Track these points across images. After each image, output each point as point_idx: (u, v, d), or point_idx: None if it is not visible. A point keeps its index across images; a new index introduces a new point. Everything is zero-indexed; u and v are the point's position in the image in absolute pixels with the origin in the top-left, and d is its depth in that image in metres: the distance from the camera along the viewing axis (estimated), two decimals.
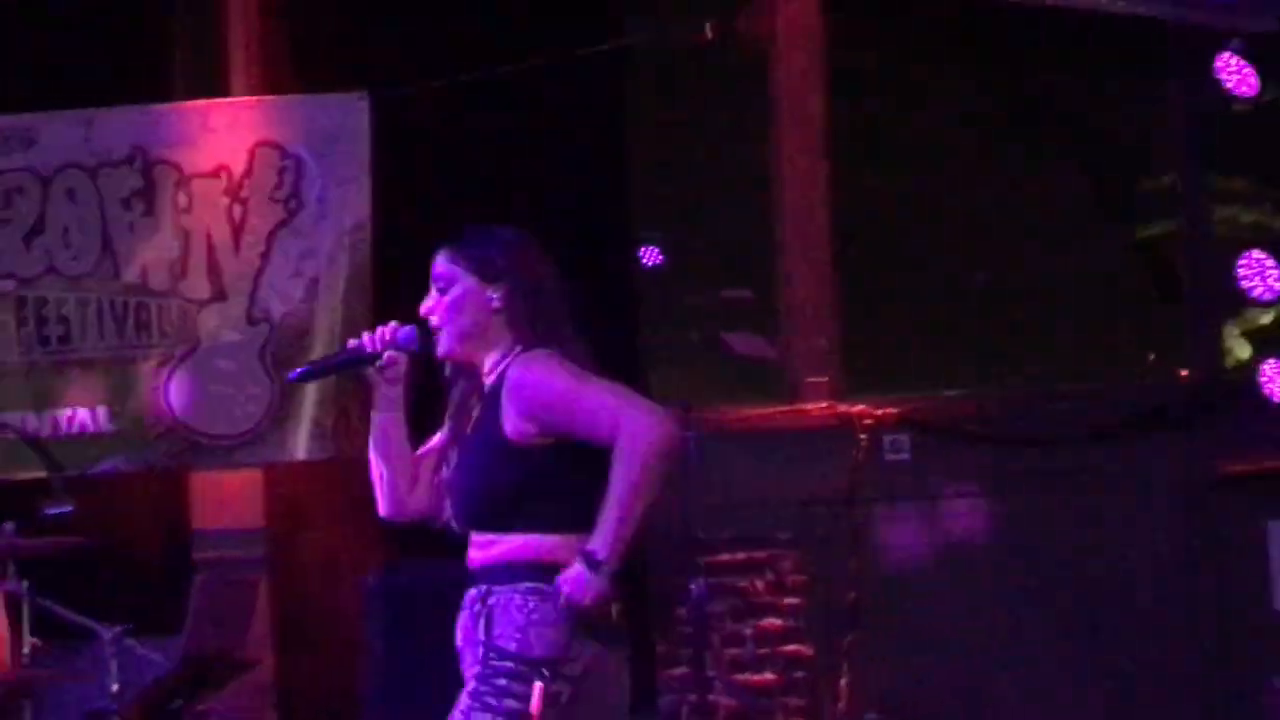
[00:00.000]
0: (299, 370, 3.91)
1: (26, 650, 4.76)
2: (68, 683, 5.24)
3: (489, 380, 3.43)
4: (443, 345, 3.45)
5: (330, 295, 5.78)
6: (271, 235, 5.80)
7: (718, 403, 6.23)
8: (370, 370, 3.44)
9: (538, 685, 3.19)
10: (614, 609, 3.29)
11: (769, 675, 6.06)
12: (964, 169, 6.68)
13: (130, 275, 5.81)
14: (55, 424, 5.78)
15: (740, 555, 6.06)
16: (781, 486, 6.07)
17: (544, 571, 3.27)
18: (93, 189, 5.81)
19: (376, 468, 3.51)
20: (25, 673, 4.76)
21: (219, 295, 5.81)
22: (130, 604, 5.30)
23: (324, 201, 5.76)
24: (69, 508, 5.00)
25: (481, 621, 3.31)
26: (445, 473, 3.46)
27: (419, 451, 3.51)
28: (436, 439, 3.51)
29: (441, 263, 3.48)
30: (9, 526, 4.74)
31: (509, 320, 3.44)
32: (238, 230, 5.81)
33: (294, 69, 5.95)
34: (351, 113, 5.75)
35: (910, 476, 6.24)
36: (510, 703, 3.23)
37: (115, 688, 4.73)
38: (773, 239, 6.44)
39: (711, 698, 5.86)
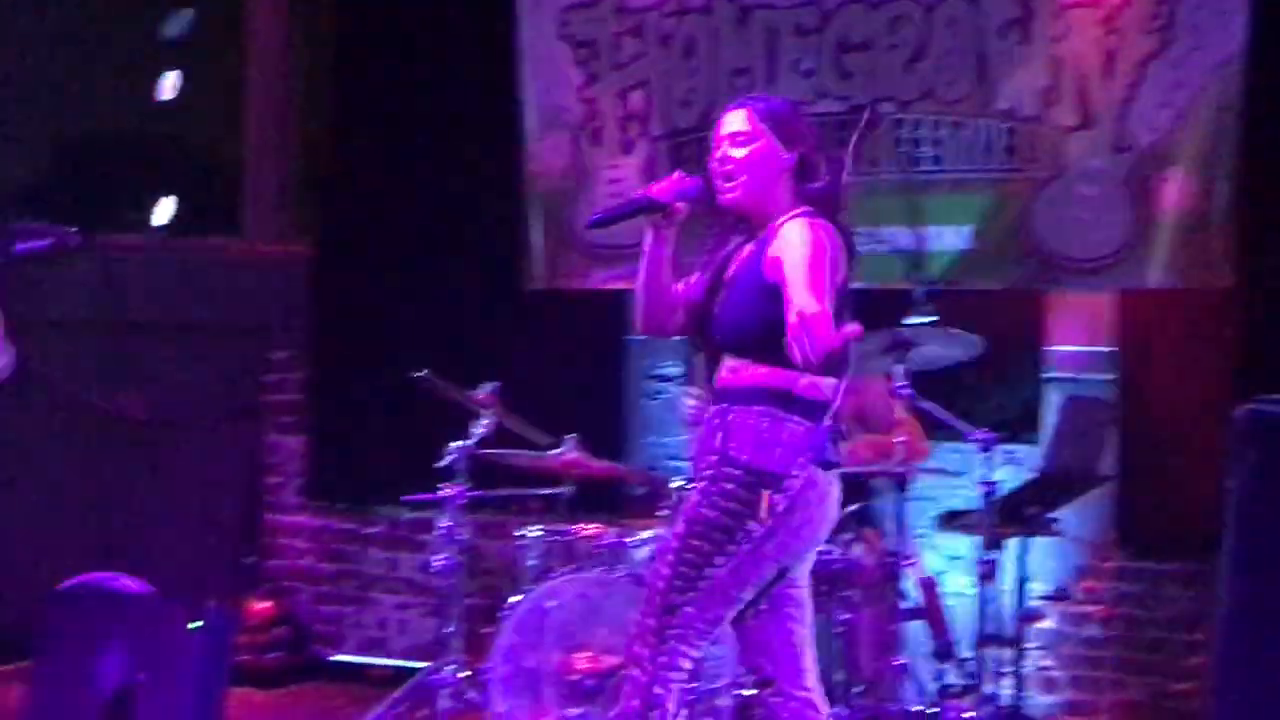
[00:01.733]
0: (594, 216, 4.15)
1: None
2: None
3: (761, 232, 3.80)
4: (732, 194, 3.85)
5: (1196, 127, 5.74)
6: (1143, 65, 5.78)
7: None
8: (656, 216, 3.87)
9: (765, 494, 3.64)
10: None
11: None
12: None
13: (1002, 102, 5.97)
14: (923, 239, 6.06)
15: None
16: None
17: (780, 399, 3.70)
18: (972, 17, 6.00)
19: (643, 293, 3.97)
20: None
21: (1086, 123, 5.88)
22: (990, 411, 5.65)
23: (1199, 33, 5.68)
24: (935, 318, 5.36)
25: (719, 434, 3.73)
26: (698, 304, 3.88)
27: (681, 286, 3.95)
28: (695, 277, 3.93)
29: (743, 119, 3.86)
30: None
31: (795, 184, 3.82)
32: (1109, 60, 5.83)
33: None
34: None
35: None
36: (734, 505, 3.68)
37: (981, 489, 5.10)
38: None
39: None
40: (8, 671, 6.09)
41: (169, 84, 7.39)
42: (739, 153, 3.84)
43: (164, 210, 7.61)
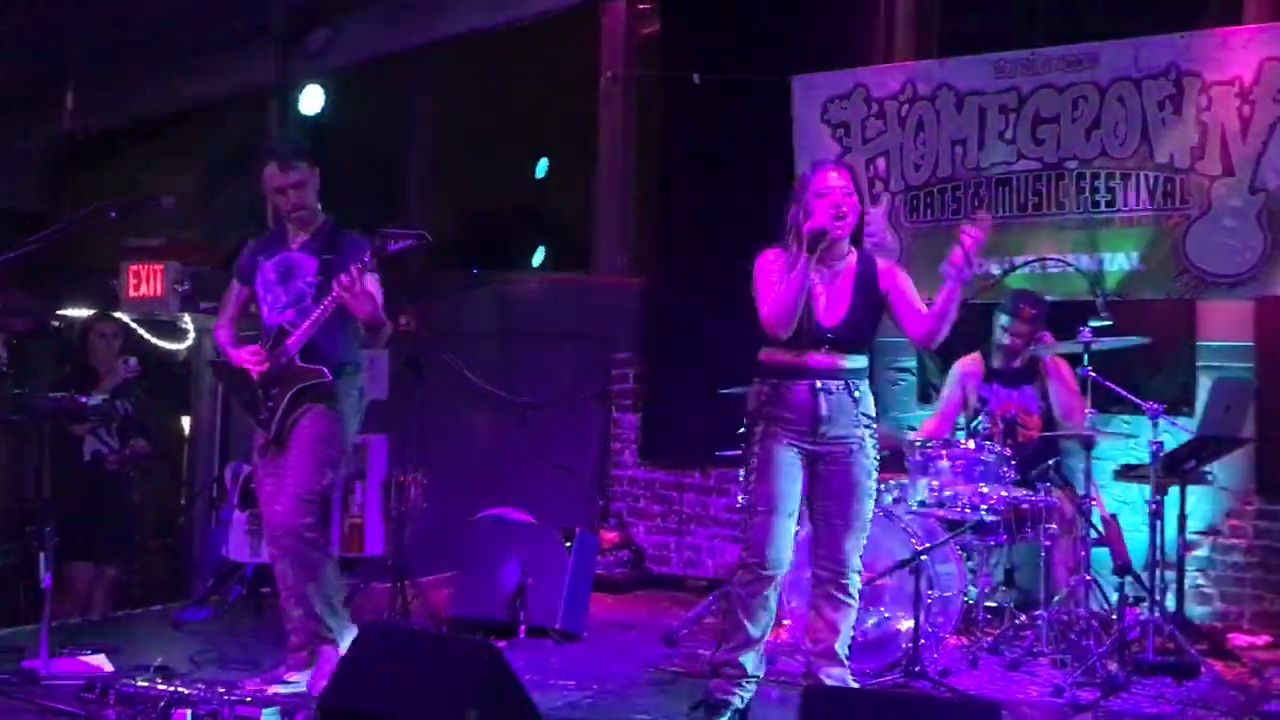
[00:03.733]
0: (811, 230, 4.05)
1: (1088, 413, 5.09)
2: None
3: (850, 259, 4.12)
4: (840, 232, 4.05)
5: None
6: (1272, 128, 5.68)
7: None
8: (823, 239, 4.02)
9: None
10: None
11: None
12: None
13: (1161, 157, 5.91)
14: (1101, 262, 6.03)
15: None
16: None
17: (867, 374, 4.14)
18: (1137, 96, 5.94)
19: (795, 301, 4.02)
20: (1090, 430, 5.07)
21: (1228, 172, 5.79)
22: (1158, 390, 5.55)
23: None
24: (1109, 322, 5.27)
25: (861, 400, 4.08)
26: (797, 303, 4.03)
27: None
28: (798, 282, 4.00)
29: (849, 180, 4.08)
30: (1085, 329, 5.08)
31: (858, 229, 4.15)
32: (1245, 124, 5.74)
33: None
34: None
35: None
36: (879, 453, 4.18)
37: (1151, 448, 5.00)
38: None
39: None
40: (444, 578, 6.42)
41: (542, 166, 7.71)
42: (852, 200, 4.12)
43: (538, 254, 7.94)
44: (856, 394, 4.12)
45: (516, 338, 7.64)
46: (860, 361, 4.17)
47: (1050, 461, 5.27)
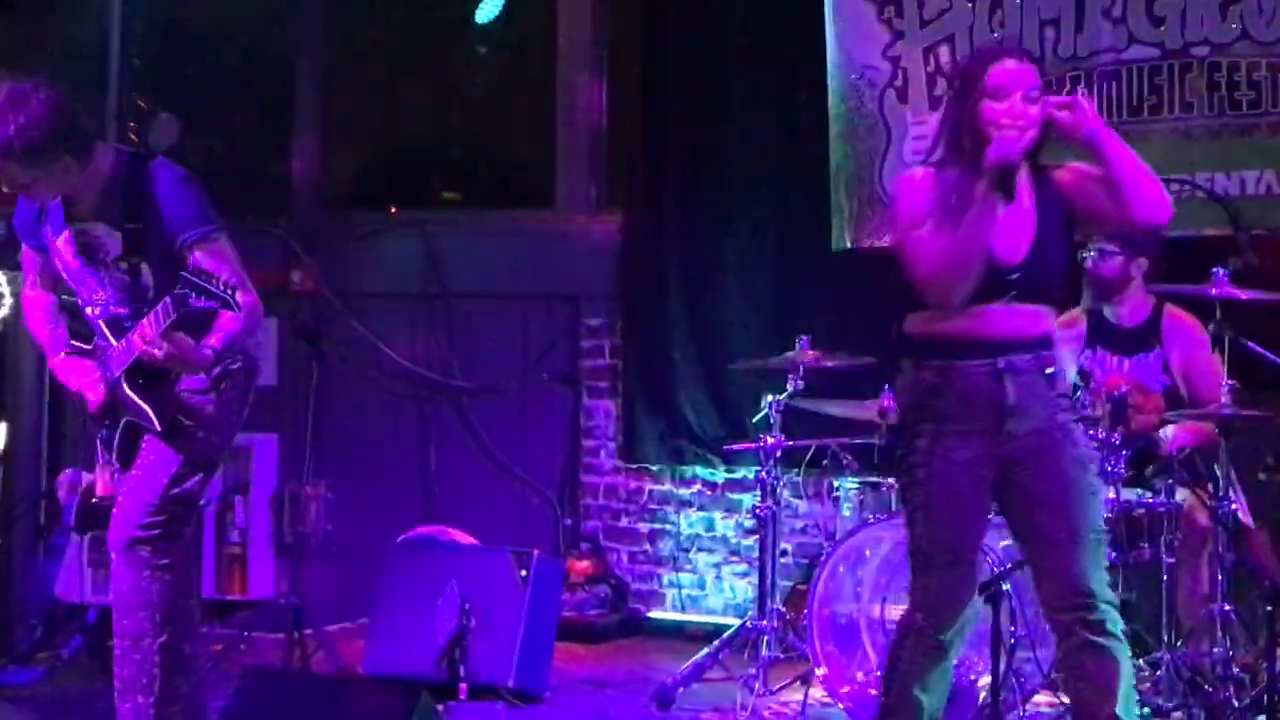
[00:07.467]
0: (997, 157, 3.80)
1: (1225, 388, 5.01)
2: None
3: (1022, 171, 3.81)
4: (1023, 144, 3.76)
5: None
6: None
7: None
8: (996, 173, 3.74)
9: None
10: None
11: None
12: None
13: None
14: (1242, 184, 6.01)
15: None
16: None
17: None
18: None
19: (975, 259, 3.75)
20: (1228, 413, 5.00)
21: None
22: None
23: None
24: (1255, 262, 5.23)
25: (1055, 377, 3.91)
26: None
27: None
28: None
29: (1034, 75, 3.82)
30: (1221, 272, 5.01)
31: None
32: None
33: None
34: None
35: None
36: None
37: None
38: None
39: None
40: (357, 625, 6.41)
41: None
42: (1034, 109, 3.78)
43: (478, 187, 7.90)
44: (1049, 370, 3.91)
45: (449, 300, 7.61)
46: (1049, 320, 3.95)
47: (1175, 452, 5.21)
